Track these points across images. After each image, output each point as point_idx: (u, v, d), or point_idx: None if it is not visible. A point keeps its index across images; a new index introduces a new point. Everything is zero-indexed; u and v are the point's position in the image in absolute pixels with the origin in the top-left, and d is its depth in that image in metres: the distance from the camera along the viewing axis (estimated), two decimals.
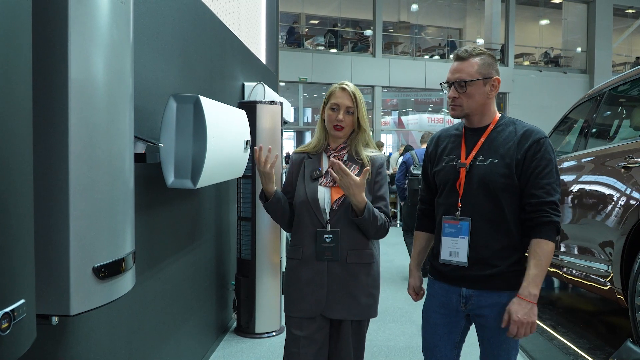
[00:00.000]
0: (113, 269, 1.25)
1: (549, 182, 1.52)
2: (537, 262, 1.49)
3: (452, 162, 1.64)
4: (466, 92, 1.58)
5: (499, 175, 1.54)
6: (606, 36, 15.44)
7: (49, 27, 1.11)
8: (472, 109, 1.61)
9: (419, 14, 16.11)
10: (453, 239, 1.60)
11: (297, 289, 1.76)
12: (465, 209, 1.58)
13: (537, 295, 1.49)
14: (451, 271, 1.61)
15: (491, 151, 1.58)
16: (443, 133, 1.76)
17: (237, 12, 4.04)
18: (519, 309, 1.48)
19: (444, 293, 1.65)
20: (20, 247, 0.93)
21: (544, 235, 1.50)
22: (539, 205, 1.51)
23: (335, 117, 1.74)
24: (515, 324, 1.48)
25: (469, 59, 1.59)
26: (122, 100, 1.30)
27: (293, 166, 1.84)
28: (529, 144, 1.55)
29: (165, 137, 1.90)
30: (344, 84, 1.78)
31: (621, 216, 2.47)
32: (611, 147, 2.87)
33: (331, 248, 1.71)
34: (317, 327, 1.75)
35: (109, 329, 1.66)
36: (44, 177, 1.11)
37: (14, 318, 0.89)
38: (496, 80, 1.60)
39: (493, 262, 1.56)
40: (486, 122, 1.64)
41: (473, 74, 1.57)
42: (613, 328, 3.24)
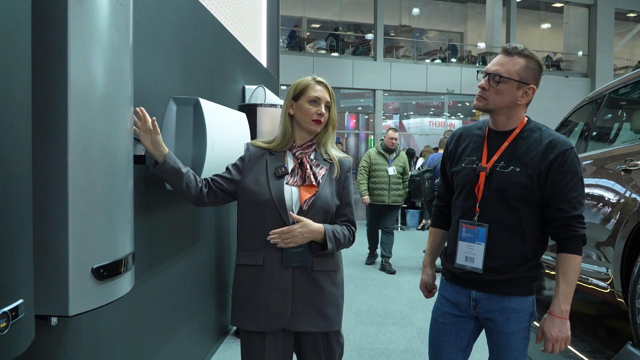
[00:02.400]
0: (112, 270, 1.26)
1: (574, 196, 1.50)
2: (566, 278, 1.48)
3: (472, 164, 1.60)
4: (497, 87, 1.52)
5: (519, 185, 1.51)
6: (607, 40, 15.44)
7: (48, 30, 1.11)
8: (497, 107, 1.55)
9: (420, 18, 16.15)
10: (469, 244, 1.58)
11: (255, 299, 1.59)
12: (483, 215, 1.56)
13: (568, 310, 1.49)
14: (463, 273, 1.60)
15: (514, 158, 1.53)
16: (465, 131, 1.70)
17: (238, 16, 4.05)
18: (552, 326, 1.48)
19: (455, 294, 1.65)
20: (19, 247, 0.94)
21: (571, 250, 1.49)
22: (565, 220, 1.49)
23: (316, 111, 1.62)
24: (550, 341, 1.49)
25: (514, 56, 1.53)
26: (121, 102, 1.31)
27: (250, 158, 1.66)
28: (555, 155, 1.49)
29: (165, 139, 1.90)
30: (319, 78, 1.68)
31: (621, 219, 2.46)
32: (611, 149, 2.87)
33: (299, 253, 1.58)
34: (280, 343, 1.62)
35: (108, 330, 1.67)
36: (43, 178, 1.12)
37: (12, 318, 0.90)
38: (531, 89, 1.54)
39: (506, 270, 1.54)
40: (512, 126, 1.58)
41: (511, 73, 1.52)
42: (613, 331, 3.22)
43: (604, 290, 2.64)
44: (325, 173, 1.65)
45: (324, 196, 1.62)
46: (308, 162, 1.64)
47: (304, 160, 1.65)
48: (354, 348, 3.28)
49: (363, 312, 4.06)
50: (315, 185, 1.62)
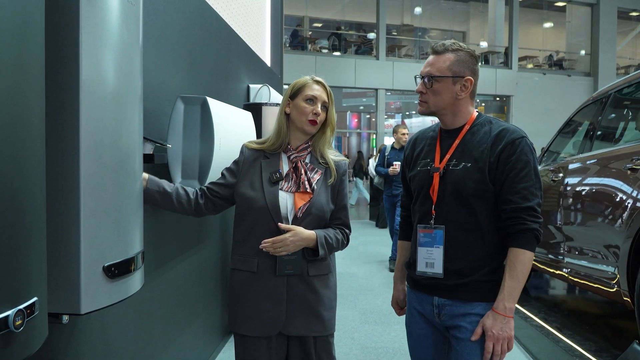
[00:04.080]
0: (123, 268, 1.26)
1: (525, 186, 1.41)
2: (513, 274, 1.39)
3: (426, 166, 1.55)
4: (433, 88, 1.48)
5: (472, 181, 1.44)
6: (610, 39, 15.40)
7: (60, 29, 1.12)
8: (439, 108, 1.50)
9: (422, 17, 16.13)
10: (428, 248, 1.50)
11: (251, 305, 1.58)
12: (439, 217, 1.49)
13: (512, 308, 1.39)
14: (425, 279, 1.52)
15: (465, 154, 1.48)
16: (420, 135, 1.66)
17: (243, 15, 4.06)
18: (494, 324, 1.38)
19: (419, 302, 1.57)
20: (33, 245, 0.94)
21: (520, 244, 1.39)
22: (514, 211, 1.41)
23: (312, 111, 1.58)
24: (490, 339, 1.38)
25: (444, 53, 1.49)
26: (131, 101, 1.31)
27: (245, 163, 1.64)
28: (503, 145, 1.43)
29: (172, 138, 1.91)
30: (317, 77, 1.65)
31: (627, 218, 2.46)
32: (617, 149, 2.86)
33: (292, 261, 1.55)
34: (274, 347, 1.60)
35: (116, 328, 1.67)
36: (55, 177, 1.12)
37: (27, 315, 0.90)
38: (468, 80, 1.48)
39: (466, 272, 1.46)
40: (460, 123, 1.52)
41: (443, 70, 1.47)
42: (619, 330, 3.23)
43: (610, 289, 2.64)
44: (320, 177, 1.62)
45: (319, 202, 1.59)
46: (303, 167, 1.61)
47: (298, 165, 1.61)
48: (359, 347, 3.28)
49: (368, 312, 4.06)
50: (309, 192, 1.59)
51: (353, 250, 6.54)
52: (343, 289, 4.66)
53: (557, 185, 3.32)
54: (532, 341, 3.01)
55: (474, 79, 1.49)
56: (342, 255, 6.04)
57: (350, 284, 4.96)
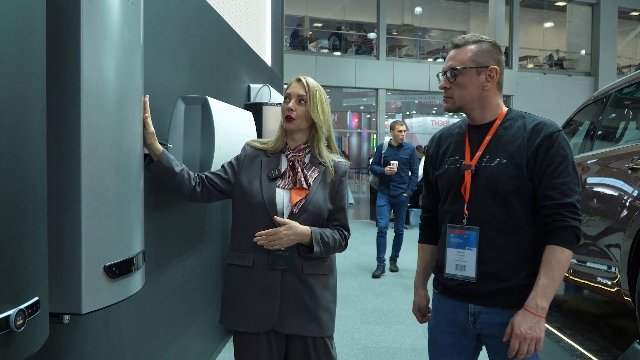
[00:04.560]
0: (124, 268, 1.26)
1: (564, 182, 1.36)
2: (549, 272, 1.32)
3: (455, 164, 1.48)
4: (456, 81, 1.43)
5: (509, 177, 1.38)
6: (611, 39, 15.40)
7: (61, 28, 1.12)
8: (466, 102, 1.45)
9: (422, 17, 16.13)
10: (459, 250, 1.44)
11: (245, 300, 1.58)
12: (473, 217, 1.42)
13: (545, 308, 1.32)
14: (458, 285, 1.45)
15: (498, 150, 1.41)
16: (445, 132, 1.59)
17: (244, 15, 4.06)
18: (523, 321, 1.31)
19: (450, 309, 1.49)
20: (34, 245, 0.94)
21: (558, 242, 1.33)
22: (553, 208, 1.35)
23: (286, 107, 1.61)
24: (517, 337, 1.31)
25: (464, 46, 1.44)
26: (132, 100, 1.32)
27: (245, 158, 1.67)
28: (540, 139, 1.37)
29: (173, 138, 1.91)
30: (300, 76, 1.67)
31: (628, 218, 2.46)
32: (617, 148, 2.86)
33: (285, 257, 1.55)
34: (273, 344, 1.59)
35: (117, 328, 1.67)
36: (56, 177, 1.12)
37: (28, 315, 0.90)
38: (493, 69, 1.42)
39: (504, 276, 1.39)
40: (490, 117, 1.46)
41: (465, 62, 1.42)
42: (620, 330, 3.22)
43: (611, 289, 2.64)
44: (318, 176, 1.63)
45: (316, 200, 1.60)
46: (299, 165, 1.63)
47: (295, 163, 1.64)
48: (360, 347, 3.28)
49: (368, 311, 4.06)
50: (305, 188, 1.60)
51: (353, 250, 6.54)
52: (343, 289, 4.66)
53: None
54: None
55: (500, 68, 1.43)
56: (342, 255, 6.04)
57: (350, 283, 4.96)
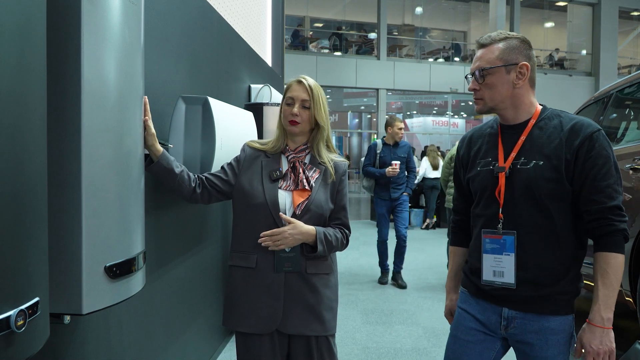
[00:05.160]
0: (124, 268, 1.26)
1: (609, 184, 1.30)
2: (606, 281, 1.27)
3: (488, 166, 1.43)
4: (485, 82, 1.38)
5: (546, 180, 1.32)
6: (611, 39, 15.40)
7: (62, 29, 1.12)
8: (497, 102, 1.40)
9: (423, 17, 16.14)
10: (496, 256, 1.38)
11: (248, 301, 1.58)
12: (508, 221, 1.37)
13: (610, 319, 1.28)
14: (493, 290, 1.41)
15: (534, 151, 1.35)
16: (476, 133, 1.54)
17: (244, 15, 4.06)
18: (593, 337, 1.27)
19: (481, 310, 1.45)
20: (34, 246, 0.94)
21: (610, 248, 1.28)
22: (600, 212, 1.30)
23: (290, 112, 1.61)
24: (590, 355, 1.27)
25: (491, 44, 1.39)
26: (133, 100, 1.31)
27: (245, 159, 1.66)
28: (580, 140, 1.31)
29: (174, 138, 1.91)
30: (301, 77, 1.66)
31: (629, 218, 2.46)
32: (618, 148, 2.86)
33: (291, 258, 1.55)
34: (276, 345, 1.59)
35: (118, 328, 1.67)
36: (57, 177, 1.12)
37: (29, 316, 0.90)
38: (524, 66, 1.36)
39: (543, 281, 1.35)
40: (524, 117, 1.40)
41: (493, 61, 1.37)
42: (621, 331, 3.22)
43: None
44: (319, 177, 1.63)
45: (318, 200, 1.61)
46: (301, 166, 1.63)
47: (296, 165, 1.64)
48: (361, 347, 3.28)
49: (369, 312, 4.06)
50: (307, 189, 1.61)
51: (354, 251, 6.53)
52: (344, 289, 4.66)
53: None
54: None
55: (530, 64, 1.38)
56: (343, 255, 6.04)
57: (351, 284, 4.96)
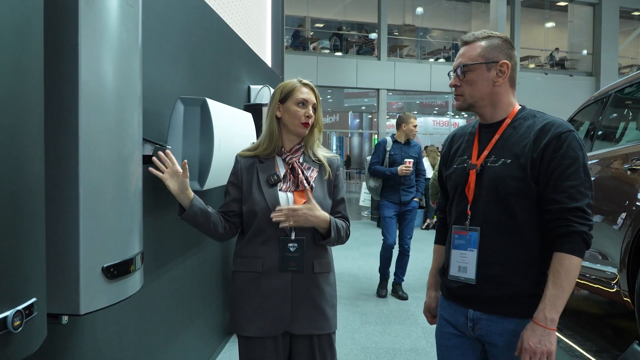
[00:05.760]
0: (122, 269, 1.27)
1: (573, 185, 1.28)
2: (556, 281, 1.26)
3: (463, 163, 1.45)
4: (466, 78, 1.40)
5: (511, 178, 1.33)
6: (612, 39, 15.38)
7: (59, 31, 1.12)
8: (477, 99, 1.40)
9: (424, 17, 16.13)
10: (462, 251, 1.40)
11: (256, 305, 1.59)
12: (475, 217, 1.39)
13: (554, 320, 1.25)
14: (459, 289, 1.42)
15: (505, 150, 1.37)
16: (459, 132, 1.57)
17: (244, 16, 4.07)
18: (532, 335, 1.25)
19: (452, 313, 1.47)
20: (32, 247, 0.95)
21: (566, 249, 1.27)
22: (559, 212, 1.28)
23: (304, 113, 1.62)
24: (527, 352, 1.25)
25: (473, 42, 1.41)
26: (131, 102, 1.32)
27: (242, 171, 1.65)
28: (548, 139, 1.31)
29: (172, 139, 1.91)
30: (306, 80, 1.67)
31: (627, 218, 2.46)
32: (617, 149, 2.86)
33: (295, 258, 1.57)
34: (280, 346, 1.61)
35: (116, 329, 1.68)
36: (54, 178, 1.13)
37: (25, 316, 0.91)
38: (504, 64, 1.37)
39: (505, 281, 1.34)
40: (501, 116, 1.41)
41: (474, 58, 1.38)
42: (620, 331, 3.21)
43: (610, 289, 2.63)
44: (317, 175, 1.66)
45: (318, 198, 1.62)
46: (299, 167, 1.65)
47: (295, 165, 1.65)
48: (360, 347, 3.29)
49: (368, 312, 4.06)
50: (308, 190, 1.62)
51: (354, 250, 6.54)
52: (344, 289, 4.66)
53: None
54: None
55: (511, 63, 1.39)
56: (342, 256, 6.05)
57: (351, 284, 4.96)
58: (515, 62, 1.42)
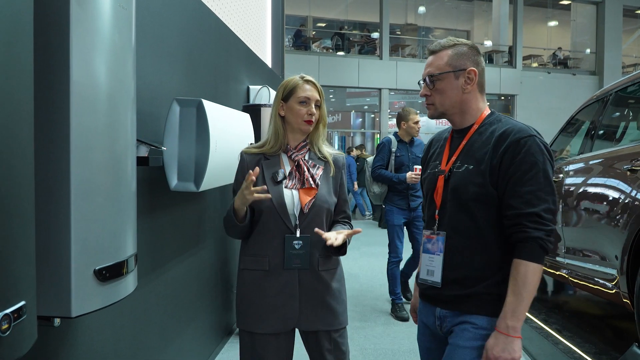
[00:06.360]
0: (114, 272, 1.26)
1: (530, 190, 1.28)
2: (515, 289, 1.26)
3: (435, 168, 1.49)
4: (436, 87, 1.41)
5: (472, 184, 1.35)
6: (616, 37, 15.31)
7: (51, 33, 1.12)
8: (447, 107, 1.42)
9: (426, 16, 16.10)
10: (431, 255, 1.43)
11: (264, 302, 1.60)
12: (442, 222, 1.41)
13: (516, 327, 1.26)
14: (427, 289, 1.46)
15: (469, 156, 1.39)
16: (437, 136, 1.60)
17: (243, 17, 4.06)
18: (495, 344, 1.26)
19: (425, 313, 1.51)
20: (20, 249, 0.94)
21: (521, 255, 1.27)
22: (515, 218, 1.29)
23: (307, 111, 1.62)
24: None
25: (440, 51, 1.43)
26: (123, 103, 1.32)
27: (248, 167, 1.63)
28: (506, 145, 1.31)
29: (168, 141, 1.91)
30: (305, 76, 1.67)
31: (627, 219, 2.44)
32: (617, 149, 2.84)
33: (300, 255, 1.58)
34: (283, 343, 1.63)
35: (112, 330, 1.68)
36: (45, 180, 1.12)
37: (14, 320, 0.91)
38: (472, 71, 1.39)
39: (468, 283, 1.36)
40: (469, 122, 1.43)
41: (442, 67, 1.40)
42: (619, 332, 3.20)
43: (609, 291, 2.62)
44: (322, 172, 1.66)
45: (323, 197, 1.64)
46: (305, 164, 1.65)
47: (300, 163, 1.65)
48: (358, 348, 3.28)
49: (367, 312, 4.06)
50: (314, 187, 1.63)
51: (355, 251, 6.53)
52: None
53: (558, 186, 3.31)
54: (531, 343, 3.00)
55: (478, 69, 1.41)
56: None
57: (351, 284, 4.95)
58: (483, 67, 1.44)
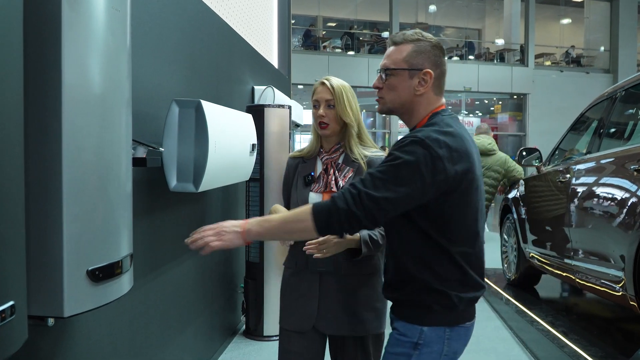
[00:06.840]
0: (108, 272, 1.27)
1: (371, 172, 1.22)
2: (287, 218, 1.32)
3: None
4: (387, 82, 1.31)
5: None
6: (630, 35, 15.07)
7: (42, 35, 1.13)
8: (396, 105, 1.33)
9: (436, 15, 16.01)
10: None
11: (291, 300, 1.69)
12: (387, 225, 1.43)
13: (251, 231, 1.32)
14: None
15: None
16: None
17: (249, 18, 4.07)
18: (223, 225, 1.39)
19: None
20: (9, 249, 0.95)
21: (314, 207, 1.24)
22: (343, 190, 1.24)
23: (317, 114, 1.64)
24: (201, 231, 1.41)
25: (402, 44, 1.31)
26: (117, 105, 1.32)
27: (289, 171, 1.77)
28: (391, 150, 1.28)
29: (167, 142, 1.92)
30: (324, 78, 1.68)
31: (633, 221, 2.40)
32: (625, 149, 2.79)
33: (324, 260, 1.57)
34: (308, 343, 1.66)
35: (109, 330, 1.69)
36: (38, 181, 1.13)
37: (2, 319, 0.91)
38: (427, 74, 1.28)
39: (394, 283, 1.36)
40: (413, 124, 1.34)
41: (398, 62, 1.30)
42: (626, 335, 3.14)
43: (616, 293, 2.58)
44: (352, 175, 1.64)
45: None
46: (332, 168, 1.67)
47: (328, 167, 1.68)
48: None
49: None
50: (335, 191, 1.63)
51: None
52: None
53: (565, 187, 3.26)
54: (538, 345, 2.96)
55: (435, 72, 1.30)
56: None
57: None
58: (443, 69, 1.33)
